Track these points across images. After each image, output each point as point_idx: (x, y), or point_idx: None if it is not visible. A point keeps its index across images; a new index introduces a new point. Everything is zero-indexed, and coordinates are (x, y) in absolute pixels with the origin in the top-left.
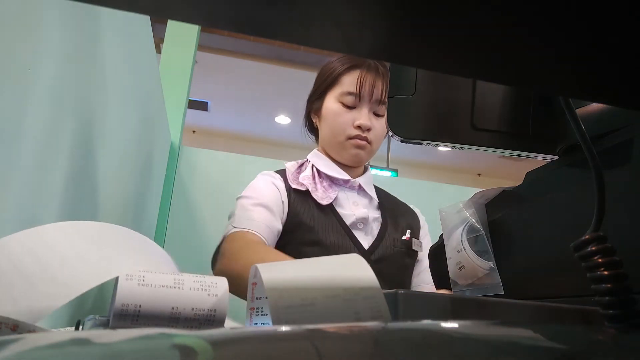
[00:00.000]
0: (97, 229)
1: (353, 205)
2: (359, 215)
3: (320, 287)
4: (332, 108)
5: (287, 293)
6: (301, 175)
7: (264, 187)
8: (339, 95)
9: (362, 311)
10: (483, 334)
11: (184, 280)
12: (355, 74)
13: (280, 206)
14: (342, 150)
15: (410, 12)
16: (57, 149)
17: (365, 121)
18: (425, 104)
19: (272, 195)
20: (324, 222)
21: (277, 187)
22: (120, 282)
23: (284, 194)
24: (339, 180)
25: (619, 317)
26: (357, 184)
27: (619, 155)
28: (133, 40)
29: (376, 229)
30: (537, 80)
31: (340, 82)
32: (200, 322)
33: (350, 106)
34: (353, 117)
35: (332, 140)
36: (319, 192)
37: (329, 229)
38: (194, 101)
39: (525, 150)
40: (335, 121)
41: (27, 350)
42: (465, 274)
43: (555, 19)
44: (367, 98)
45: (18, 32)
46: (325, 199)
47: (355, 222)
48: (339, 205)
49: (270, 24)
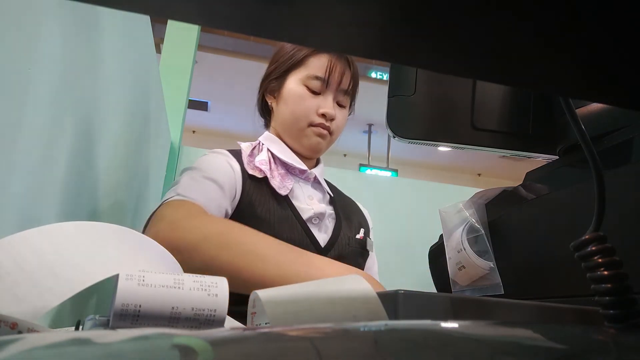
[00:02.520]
0: (99, 229)
1: (308, 198)
2: (317, 210)
3: (318, 297)
4: (295, 90)
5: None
6: (257, 159)
7: (218, 164)
8: (305, 78)
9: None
10: (483, 334)
11: (184, 280)
12: (324, 59)
13: (233, 189)
14: (302, 137)
15: (410, 12)
16: (57, 149)
17: (330, 110)
18: (425, 104)
19: (226, 176)
20: (280, 215)
21: (233, 169)
22: (120, 282)
23: (239, 178)
24: (295, 170)
25: (619, 317)
26: (313, 176)
27: (619, 155)
28: (133, 40)
29: (331, 226)
30: (537, 80)
31: (307, 64)
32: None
33: (316, 92)
34: (318, 103)
35: (292, 126)
36: (276, 180)
37: (284, 223)
38: (194, 101)
39: (525, 150)
40: (299, 105)
41: (27, 350)
42: (465, 274)
43: (556, 19)
44: (334, 86)
45: (18, 32)
46: (283, 189)
47: (311, 217)
48: (295, 198)
49: (270, 24)
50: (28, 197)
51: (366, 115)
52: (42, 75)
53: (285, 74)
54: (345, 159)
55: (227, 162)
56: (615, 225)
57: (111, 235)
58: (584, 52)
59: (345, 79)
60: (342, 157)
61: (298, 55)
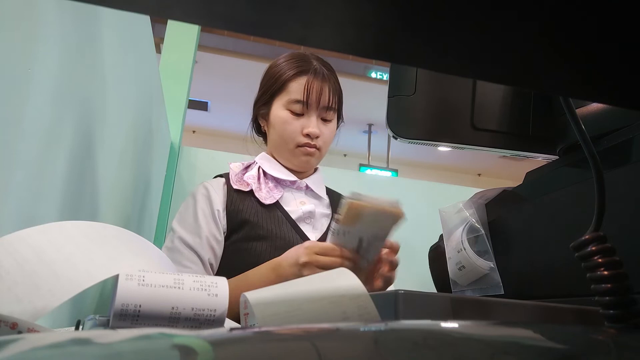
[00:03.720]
0: (98, 229)
1: (300, 203)
2: (306, 209)
3: (305, 296)
4: (280, 116)
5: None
6: (246, 175)
7: (197, 213)
8: (287, 103)
9: (349, 310)
10: (483, 334)
11: (184, 280)
12: (302, 81)
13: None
14: (292, 157)
15: (410, 12)
16: (57, 149)
17: (314, 129)
18: (425, 104)
19: (205, 221)
20: (268, 217)
21: (210, 199)
22: (120, 282)
23: (220, 200)
24: (286, 182)
25: (619, 317)
26: (304, 185)
27: (619, 155)
28: (133, 40)
29: (325, 224)
30: (537, 80)
31: (287, 89)
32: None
33: (299, 113)
34: (302, 124)
35: (282, 148)
36: (263, 192)
37: (274, 223)
38: (194, 101)
39: (525, 150)
40: (284, 129)
41: (27, 350)
42: (465, 274)
43: (556, 19)
44: (314, 105)
45: (18, 32)
46: (269, 199)
47: (302, 217)
48: (285, 203)
49: (270, 24)
50: (28, 197)
51: (366, 115)
52: (42, 75)
53: (270, 99)
54: (345, 159)
55: (206, 196)
56: (615, 225)
57: (110, 235)
58: (584, 52)
59: (324, 96)
60: (342, 157)
61: (279, 81)
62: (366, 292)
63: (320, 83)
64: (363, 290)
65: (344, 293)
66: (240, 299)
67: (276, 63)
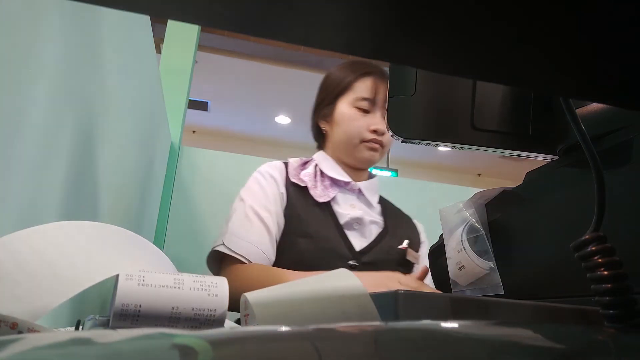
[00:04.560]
0: (99, 229)
1: (350, 206)
2: (355, 215)
3: (305, 296)
4: (347, 113)
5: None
6: (303, 172)
7: (264, 190)
8: (354, 101)
9: (349, 310)
10: (483, 334)
11: (184, 280)
12: (369, 81)
13: (279, 200)
14: (357, 152)
15: (410, 12)
16: (57, 149)
17: (381, 126)
18: (425, 104)
19: (272, 196)
20: (318, 217)
21: (276, 180)
22: (120, 282)
23: (282, 186)
24: (340, 182)
25: (619, 317)
26: (357, 188)
27: (619, 155)
28: (133, 40)
29: (375, 233)
30: (537, 81)
31: (353, 88)
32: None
33: (365, 110)
34: (368, 121)
35: (348, 143)
36: (318, 190)
37: (321, 224)
38: (194, 101)
39: (525, 150)
40: (352, 125)
41: (27, 350)
42: (465, 274)
43: (555, 19)
44: (380, 103)
45: (18, 32)
46: (323, 197)
47: (350, 222)
48: (336, 204)
49: (270, 24)
50: (28, 197)
51: None
52: (42, 75)
53: (334, 100)
54: None
55: (271, 175)
56: (615, 225)
57: (111, 235)
58: (584, 52)
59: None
60: None
61: (344, 82)
62: (366, 292)
63: (385, 83)
64: (363, 290)
65: (344, 293)
66: (241, 299)
67: (337, 69)
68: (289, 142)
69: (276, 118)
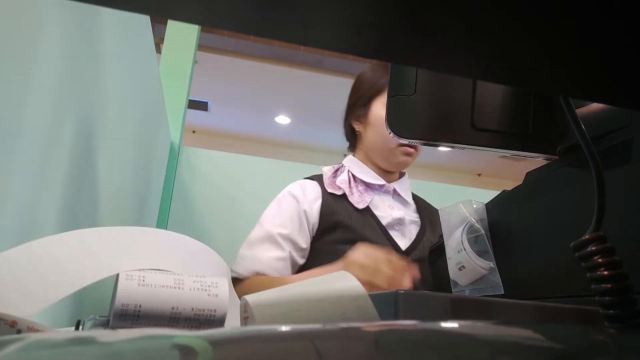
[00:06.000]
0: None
1: (388, 207)
2: (395, 216)
3: (305, 297)
4: (382, 115)
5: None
6: (338, 179)
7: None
8: None
9: (349, 311)
10: (483, 334)
11: (184, 280)
12: None
13: (296, 219)
14: (391, 156)
15: (410, 12)
16: (57, 149)
17: None
18: (426, 104)
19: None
20: (362, 222)
21: (296, 198)
22: (120, 282)
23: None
24: (374, 185)
25: (619, 317)
26: (392, 189)
27: (619, 155)
28: (133, 40)
29: (415, 231)
30: (537, 80)
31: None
32: (200, 322)
33: None
34: None
35: (384, 147)
36: (355, 196)
37: (367, 228)
38: (194, 101)
39: (525, 150)
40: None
41: (27, 350)
42: (465, 274)
43: (555, 18)
44: None
45: (18, 32)
46: (361, 203)
47: (391, 223)
48: (375, 208)
49: (270, 24)
50: (28, 197)
51: None
52: (42, 75)
53: (368, 101)
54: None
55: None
56: (615, 225)
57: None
58: (584, 52)
59: None
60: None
61: (379, 84)
62: (366, 292)
63: None
64: (362, 291)
65: (344, 294)
66: (240, 302)
67: (369, 69)
68: (289, 142)
69: (276, 118)
